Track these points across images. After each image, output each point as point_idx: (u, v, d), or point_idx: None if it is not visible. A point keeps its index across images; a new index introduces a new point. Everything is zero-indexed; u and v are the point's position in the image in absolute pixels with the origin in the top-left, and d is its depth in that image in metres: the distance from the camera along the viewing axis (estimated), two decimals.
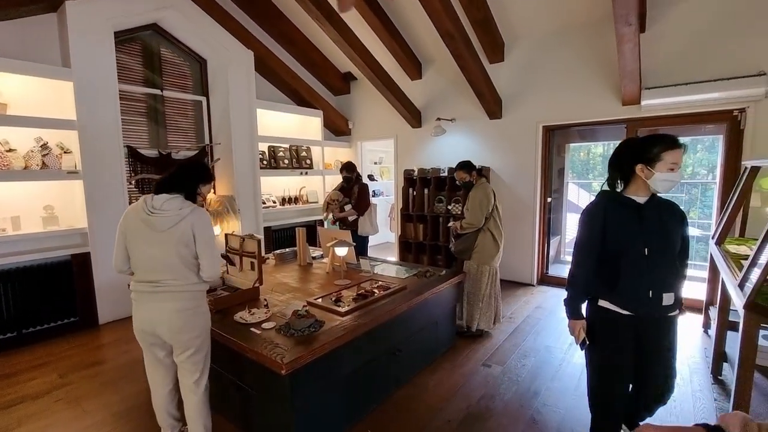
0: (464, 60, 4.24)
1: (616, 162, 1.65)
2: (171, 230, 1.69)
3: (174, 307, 1.71)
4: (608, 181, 1.69)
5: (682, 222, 1.64)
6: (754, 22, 3.38)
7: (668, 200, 1.67)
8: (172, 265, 1.70)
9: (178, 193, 1.76)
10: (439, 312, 2.99)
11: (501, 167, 5.01)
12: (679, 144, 1.54)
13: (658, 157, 1.53)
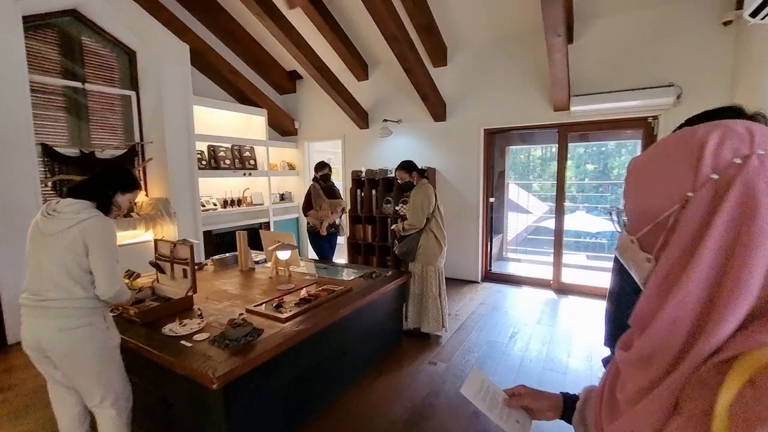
0: (409, 63, 4.30)
1: None
2: (59, 235, 1.49)
3: (57, 325, 1.50)
4: None
5: None
6: (663, 39, 3.76)
7: None
8: (54, 275, 1.50)
9: (88, 200, 1.58)
10: (386, 312, 2.99)
11: (446, 168, 5.14)
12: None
13: None
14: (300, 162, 6.51)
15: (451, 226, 5.13)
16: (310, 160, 6.51)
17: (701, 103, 3.68)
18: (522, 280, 4.99)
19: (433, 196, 3.25)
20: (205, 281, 2.93)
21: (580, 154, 7.49)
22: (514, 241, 7.22)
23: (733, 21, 3.45)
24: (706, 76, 3.65)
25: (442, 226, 3.30)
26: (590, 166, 7.61)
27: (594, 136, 5.71)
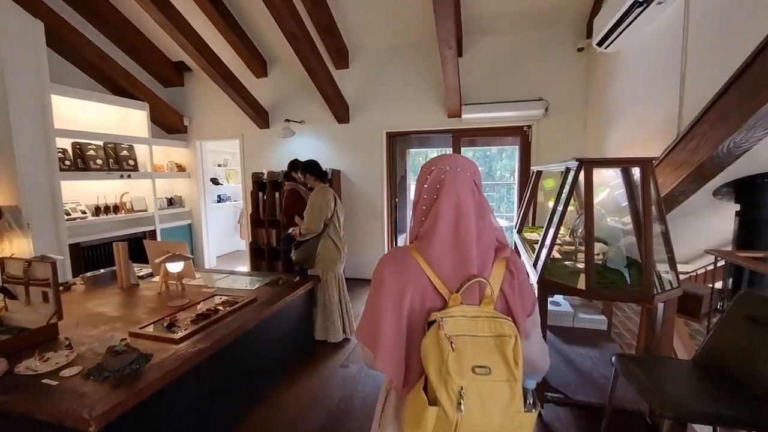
0: (310, 62, 4.22)
1: None
2: None
3: None
4: None
5: None
6: (534, 58, 4.34)
7: None
8: None
9: None
10: (295, 320, 2.89)
11: (351, 170, 5.18)
12: None
13: None
14: (191, 163, 5.92)
15: (356, 226, 5.21)
16: (203, 161, 5.97)
17: (564, 115, 4.35)
18: None
19: (332, 200, 3.16)
20: (74, 304, 2.47)
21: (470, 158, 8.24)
22: None
23: (584, 48, 4.14)
24: (567, 92, 4.32)
25: (340, 231, 3.25)
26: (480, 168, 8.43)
27: (481, 142, 6.33)
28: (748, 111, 1.60)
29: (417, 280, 0.90)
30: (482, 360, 0.81)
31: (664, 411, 1.32)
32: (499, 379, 0.80)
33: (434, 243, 0.91)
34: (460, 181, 0.95)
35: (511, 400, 0.80)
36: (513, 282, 0.93)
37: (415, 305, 0.90)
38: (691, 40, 2.29)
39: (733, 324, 1.53)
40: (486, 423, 0.79)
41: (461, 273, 0.90)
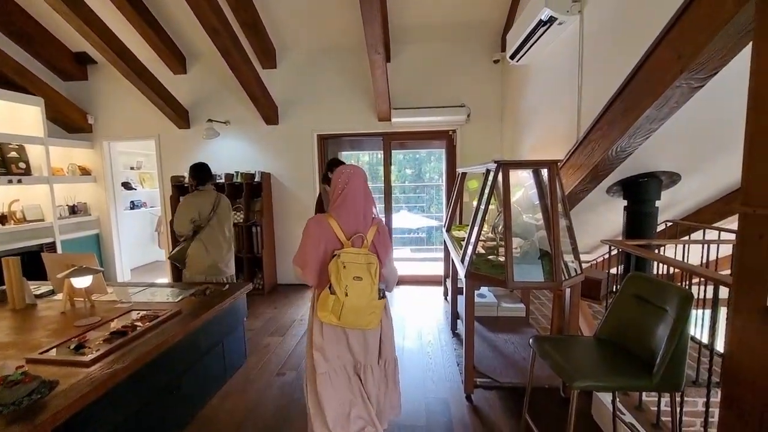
0: (234, 60, 4.04)
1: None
2: None
3: None
4: None
5: None
6: (456, 67, 4.62)
7: None
8: None
9: None
10: (226, 330, 2.75)
11: (282, 173, 5.05)
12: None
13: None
14: (98, 165, 5.31)
15: (289, 230, 5.09)
16: (113, 163, 5.39)
17: (484, 121, 4.69)
18: None
19: (206, 205, 3.03)
20: None
21: (400, 160, 8.47)
22: None
23: (500, 60, 4.51)
24: (486, 100, 4.66)
25: (219, 236, 3.09)
26: (409, 170, 8.70)
27: (411, 145, 6.55)
28: (629, 121, 1.88)
29: (328, 233, 1.74)
30: (358, 273, 1.67)
31: (573, 383, 1.50)
32: (366, 282, 1.67)
33: (341, 213, 1.76)
34: (358, 180, 1.78)
35: (371, 293, 1.68)
36: (379, 237, 1.79)
37: (327, 246, 1.74)
38: (586, 57, 2.62)
39: (624, 302, 1.79)
40: (358, 302, 1.66)
41: (353, 230, 1.76)
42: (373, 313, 1.71)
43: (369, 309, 1.69)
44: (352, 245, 1.71)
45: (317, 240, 1.72)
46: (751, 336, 1.06)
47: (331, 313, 1.69)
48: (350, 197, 1.75)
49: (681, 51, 1.50)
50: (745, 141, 1.04)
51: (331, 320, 1.71)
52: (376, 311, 1.72)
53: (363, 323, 1.72)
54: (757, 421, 1.04)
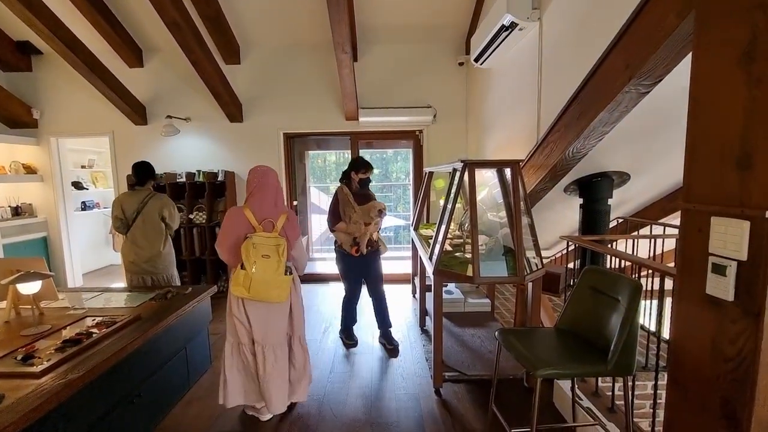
0: (196, 55, 3.90)
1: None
2: None
3: None
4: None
5: None
6: (423, 69, 4.69)
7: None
8: None
9: None
10: (190, 334, 2.65)
11: (246, 172, 4.91)
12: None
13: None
14: (45, 163, 4.95)
15: None
16: (62, 162, 5.04)
17: (450, 121, 4.79)
18: (329, 276, 5.29)
19: (131, 204, 3.03)
20: None
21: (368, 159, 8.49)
22: (319, 241, 7.57)
23: (464, 63, 4.63)
24: (451, 101, 4.77)
25: (140, 237, 3.06)
26: (376, 170, 8.73)
27: (378, 144, 6.58)
28: (584, 124, 2.00)
29: (242, 220, 2.08)
30: (267, 252, 2.03)
31: (535, 372, 1.58)
32: (273, 260, 2.04)
33: (254, 203, 2.12)
34: (268, 178, 2.19)
35: (277, 269, 2.04)
36: (288, 224, 2.17)
37: (241, 232, 2.08)
38: (545, 62, 2.75)
39: (581, 294, 1.89)
40: (264, 276, 2.02)
41: (263, 217, 2.10)
42: (281, 287, 2.06)
43: (276, 283, 2.04)
44: (263, 230, 2.07)
45: (232, 226, 2.08)
46: (692, 322, 1.16)
47: (242, 287, 2.01)
48: (263, 191, 2.13)
49: (629, 59, 1.62)
50: (686, 143, 1.13)
51: (242, 293, 2.01)
52: (283, 286, 2.06)
53: (272, 296, 2.04)
54: (699, 400, 1.14)
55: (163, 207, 3.11)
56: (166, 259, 3.16)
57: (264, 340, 2.14)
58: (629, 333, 1.53)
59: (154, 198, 3.10)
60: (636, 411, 2.34)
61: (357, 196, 3.05)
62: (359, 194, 3.08)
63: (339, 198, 3.03)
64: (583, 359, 1.64)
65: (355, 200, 3.02)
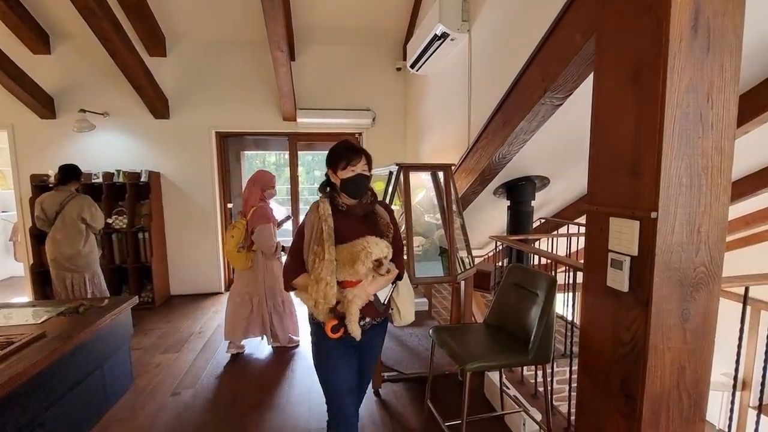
0: (114, 44, 3.56)
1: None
2: None
3: None
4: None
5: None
6: (362, 72, 4.73)
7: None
8: None
9: None
10: (107, 351, 2.41)
11: (174, 173, 4.60)
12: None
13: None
14: None
15: (185, 236, 4.66)
16: None
17: (388, 125, 4.88)
18: None
19: (52, 204, 3.18)
20: None
21: (308, 161, 8.34)
22: None
23: (402, 68, 4.74)
24: (390, 105, 4.86)
25: (60, 236, 3.19)
26: (318, 172, 8.61)
27: (319, 146, 6.49)
28: (507, 132, 2.15)
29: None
30: (232, 233, 2.88)
31: (465, 366, 1.67)
32: (232, 240, 2.87)
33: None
34: (250, 180, 2.93)
35: (233, 246, 2.87)
36: (252, 217, 2.79)
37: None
38: (474, 72, 2.91)
39: (506, 290, 2.03)
40: (228, 249, 2.92)
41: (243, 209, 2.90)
42: (236, 259, 2.90)
43: (232, 256, 2.91)
44: (241, 218, 2.92)
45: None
46: (596, 311, 1.29)
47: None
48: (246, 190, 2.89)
49: (544, 74, 1.77)
50: (590, 153, 1.27)
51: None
52: (238, 258, 2.90)
53: (235, 265, 2.99)
54: (604, 381, 1.27)
55: (83, 209, 3.21)
56: (87, 258, 3.26)
57: (254, 293, 3.04)
58: (546, 324, 1.66)
59: (75, 199, 3.20)
60: (556, 395, 2.55)
61: (347, 218, 1.55)
62: (352, 215, 1.55)
63: (306, 223, 1.55)
64: (508, 351, 1.76)
65: (343, 226, 1.52)
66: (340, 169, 1.50)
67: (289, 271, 1.54)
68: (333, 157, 1.54)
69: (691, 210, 1.05)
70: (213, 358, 3.08)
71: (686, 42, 0.99)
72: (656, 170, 1.01)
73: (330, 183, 1.58)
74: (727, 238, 1.12)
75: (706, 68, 1.02)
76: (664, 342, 1.08)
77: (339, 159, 1.51)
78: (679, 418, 1.14)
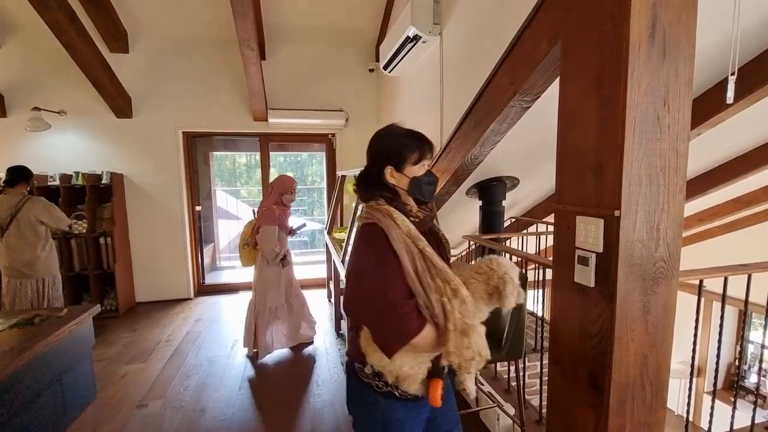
0: (69, 38, 3.38)
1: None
2: None
3: None
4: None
5: None
6: (335, 72, 4.70)
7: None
8: None
9: None
10: (67, 364, 2.28)
11: (138, 174, 4.40)
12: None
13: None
14: None
15: (150, 240, 4.47)
16: None
17: (362, 125, 4.87)
18: (239, 286, 4.99)
19: (3, 208, 3.01)
20: None
21: (281, 162, 8.21)
22: (228, 249, 7.09)
23: (375, 69, 4.75)
24: (363, 106, 4.85)
25: (15, 241, 3.01)
26: (291, 173, 8.49)
27: (292, 147, 6.41)
28: (479, 133, 2.20)
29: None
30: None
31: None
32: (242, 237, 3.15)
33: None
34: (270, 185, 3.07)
35: (242, 244, 3.13)
36: (260, 218, 2.96)
37: None
38: (446, 75, 2.95)
39: None
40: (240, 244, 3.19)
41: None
42: (241, 254, 3.12)
43: (240, 251, 3.12)
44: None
45: None
46: (566, 307, 1.34)
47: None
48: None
49: (513, 77, 1.82)
50: (557, 154, 1.31)
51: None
52: (242, 254, 3.11)
53: (240, 259, 3.17)
54: (572, 374, 1.32)
55: (41, 211, 3.04)
56: (46, 261, 3.09)
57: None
58: (518, 321, 1.71)
59: (30, 202, 3.03)
60: (528, 389, 2.62)
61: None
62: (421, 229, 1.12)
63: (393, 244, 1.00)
64: None
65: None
66: (411, 164, 1.12)
67: (411, 321, 0.95)
68: (397, 148, 1.13)
69: (650, 208, 1.11)
70: (183, 367, 2.97)
71: (644, 49, 1.04)
72: (618, 170, 1.06)
73: (380, 184, 1.13)
74: (683, 234, 1.18)
75: (663, 74, 1.07)
76: (627, 334, 1.14)
77: (409, 150, 1.12)
78: (643, 405, 1.20)
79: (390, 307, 0.95)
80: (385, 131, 1.19)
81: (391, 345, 0.97)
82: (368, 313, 1.01)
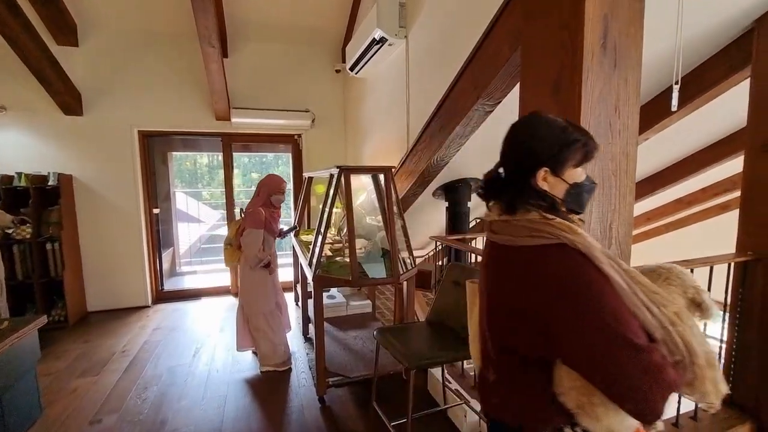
0: (10, 29, 3.13)
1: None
2: None
3: None
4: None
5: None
6: (301, 72, 4.63)
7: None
8: None
9: None
10: (7, 380, 2.10)
11: (90, 176, 4.14)
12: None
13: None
14: None
15: (103, 245, 4.22)
16: None
17: (328, 126, 4.84)
18: (201, 292, 4.81)
19: None
20: None
21: (245, 164, 7.99)
22: (188, 253, 6.81)
23: (341, 70, 4.72)
24: (329, 106, 4.81)
25: None
26: (255, 174, 8.27)
27: (256, 148, 6.24)
28: (444, 136, 2.24)
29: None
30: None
31: (409, 364, 1.70)
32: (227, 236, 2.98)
33: None
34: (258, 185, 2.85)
35: (227, 245, 2.95)
36: (243, 220, 2.78)
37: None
38: (412, 77, 2.99)
39: (446, 288, 2.11)
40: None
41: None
42: (224, 253, 2.97)
43: (223, 249, 2.97)
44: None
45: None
46: None
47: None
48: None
49: (476, 82, 1.87)
50: None
51: None
52: (225, 253, 2.96)
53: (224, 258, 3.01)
54: None
55: None
56: None
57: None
58: None
59: None
60: None
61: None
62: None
63: (591, 274, 0.78)
64: (449, 347, 1.83)
65: None
66: (572, 166, 0.88)
67: (668, 366, 0.74)
68: (557, 146, 0.86)
69: (603, 209, 1.17)
70: (140, 378, 2.82)
71: (597, 58, 1.10)
72: None
73: (528, 190, 0.88)
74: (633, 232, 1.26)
75: (614, 82, 1.14)
76: None
77: (572, 150, 0.86)
78: None
79: (637, 354, 0.72)
80: (535, 122, 0.90)
81: (655, 403, 0.72)
82: (604, 366, 0.74)
